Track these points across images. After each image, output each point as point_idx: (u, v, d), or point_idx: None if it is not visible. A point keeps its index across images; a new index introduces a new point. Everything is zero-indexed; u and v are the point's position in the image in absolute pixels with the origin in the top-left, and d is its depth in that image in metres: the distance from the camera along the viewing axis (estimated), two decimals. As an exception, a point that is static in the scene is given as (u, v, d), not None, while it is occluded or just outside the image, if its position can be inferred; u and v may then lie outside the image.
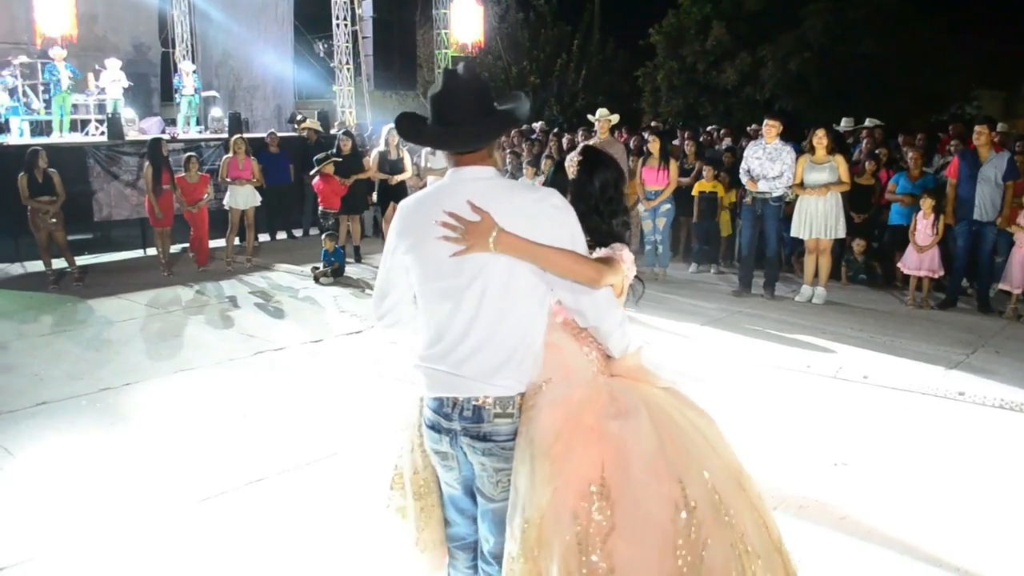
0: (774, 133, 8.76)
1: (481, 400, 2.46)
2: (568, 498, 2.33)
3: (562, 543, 2.30)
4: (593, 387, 2.54)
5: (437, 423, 2.54)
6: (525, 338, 2.49)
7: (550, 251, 2.40)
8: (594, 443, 2.40)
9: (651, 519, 2.32)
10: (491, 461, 2.50)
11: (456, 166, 2.52)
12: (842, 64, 20.58)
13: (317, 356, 7.19)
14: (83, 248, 11.64)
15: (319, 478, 4.75)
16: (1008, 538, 4.07)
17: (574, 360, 2.59)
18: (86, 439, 5.35)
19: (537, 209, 2.44)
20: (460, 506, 2.71)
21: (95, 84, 15.44)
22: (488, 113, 2.50)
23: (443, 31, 20.59)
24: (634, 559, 2.29)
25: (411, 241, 2.51)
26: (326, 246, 10.28)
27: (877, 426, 5.53)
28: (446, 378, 2.50)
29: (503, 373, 2.46)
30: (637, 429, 2.42)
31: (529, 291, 2.47)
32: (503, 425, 2.47)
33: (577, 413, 2.44)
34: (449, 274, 2.45)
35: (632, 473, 2.36)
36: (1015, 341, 7.48)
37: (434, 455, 2.63)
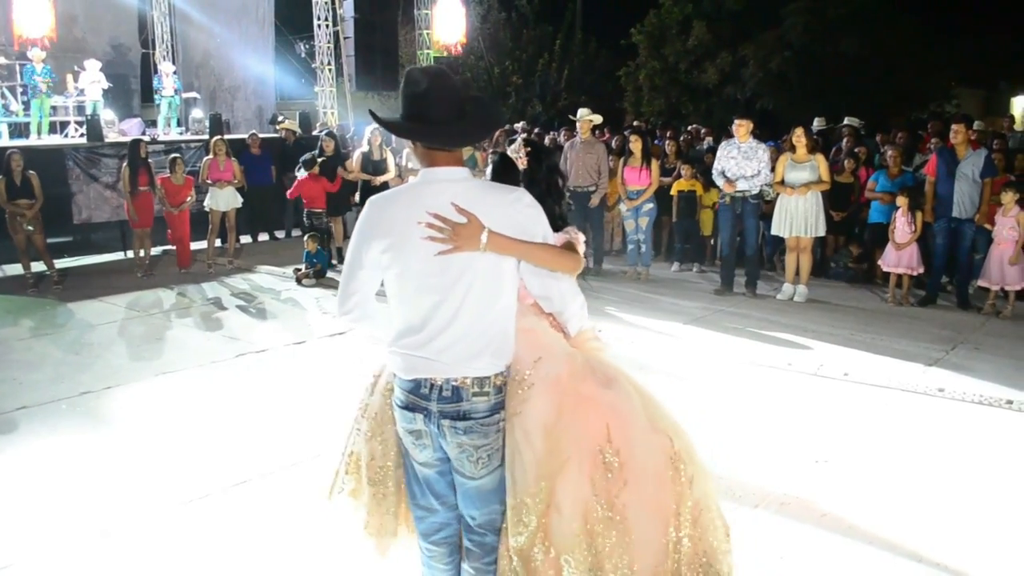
0: (744, 132, 8.82)
1: (460, 380, 2.57)
2: (584, 465, 2.57)
3: (581, 504, 2.55)
4: (574, 360, 2.74)
5: (413, 403, 2.62)
6: (504, 325, 2.64)
7: (535, 247, 2.58)
8: (595, 411, 2.63)
9: (653, 471, 2.61)
10: (471, 439, 2.59)
11: (430, 166, 2.62)
12: (823, 63, 20.72)
13: (300, 358, 7.17)
14: (62, 251, 11.53)
15: (302, 480, 4.72)
16: (988, 533, 4.11)
17: (549, 339, 2.77)
18: (67, 443, 5.31)
19: (513, 209, 2.58)
20: (436, 490, 2.76)
21: (74, 85, 15.32)
22: (464, 115, 2.60)
23: (425, 31, 20.57)
24: (643, 506, 2.58)
25: (391, 240, 2.56)
26: (308, 247, 10.26)
27: (858, 423, 5.57)
28: (425, 363, 2.59)
29: (482, 357, 2.58)
30: (627, 394, 2.69)
31: (509, 282, 2.63)
32: (480, 403, 2.58)
33: (571, 386, 2.66)
34: (435, 271, 2.53)
35: (633, 432, 2.62)
36: (994, 337, 7.55)
37: (407, 435, 2.69)
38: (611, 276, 10.27)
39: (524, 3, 26.74)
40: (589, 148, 10.16)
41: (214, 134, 12.99)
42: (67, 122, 15.15)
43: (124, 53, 18.79)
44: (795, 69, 21.11)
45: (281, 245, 13.27)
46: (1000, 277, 8.20)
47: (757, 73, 21.69)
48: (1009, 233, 8.10)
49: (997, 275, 8.21)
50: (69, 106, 15.26)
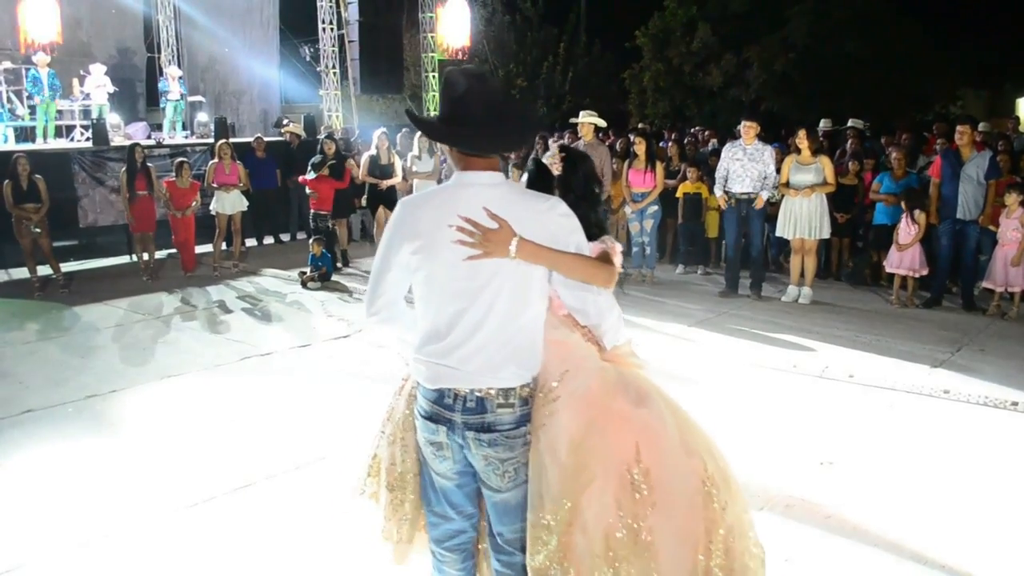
0: (752, 134, 8.80)
1: (484, 391, 2.51)
2: (610, 484, 2.48)
3: (605, 526, 2.45)
4: (606, 374, 2.66)
5: (436, 413, 2.57)
6: (531, 336, 2.58)
7: (567, 257, 2.53)
8: (626, 429, 2.55)
9: (684, 494, 2.52)
10: (496, 452, 2.54)
11: (464, 169, 2.55)
12: (827, 65, 20.71)
13: (304, 361, 7.18)
14: (68, 255, 11.57)
15: (307, 482, 4.74)
16: (993, 534, 4.11)
17: (581, 351, 2.70)
18: (72, 446, 5.32)
19: (547, 217, 2.53)
20: (452, 500, 2.72)
21: (80, 90, 15.38)
22: (503, 119, 2.54)
23: (430, 34, 20.59)
24: (672, 532, 2.48)
25: (421, 243, 2.53)
26: (313, 250, 10.27)
27: (863, 425, 5.56)
28: (449, 372, 2.53)
29: (507, 367, 2.52)
30: (660, 412, 2.61)
31: (538, 292, 2.58)
32: (505, 415, 2.52)
33: (602, 401, 2.58)
34: (463, 276, 2.49)
35: (665, 453, 2.54)
36: (999, 339, 7.53)
37: (428, 446, 2.64)
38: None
39: (528, 6, 26.76)
40: (591, 150, 10.11)
41: (219, 138, 13.03)
42: (73, 126, 15.20)
43: (129, 57, 18.85)
44: (799, 71, 21.10)
45: (286, 248, 13.28)
46: (1004, 278, 8.18)
47: (761, 75, 21.70)
48: (1013, 235, 8.07)
49: (1001, 277, 8.19)
50: (75, 110, 15.32)
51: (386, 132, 11.73)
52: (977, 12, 25.92)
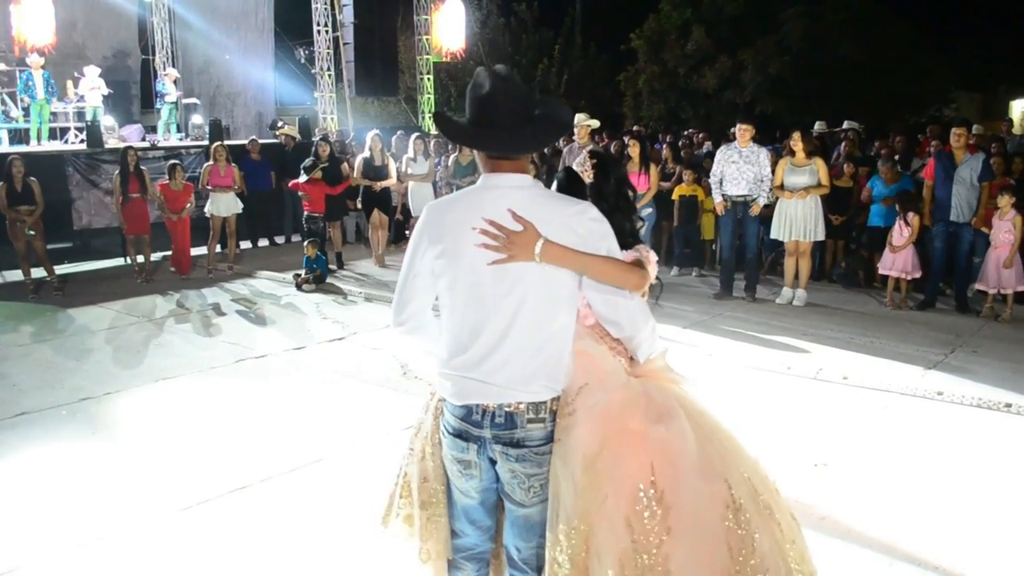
0: (747, 137, 8.81)
1: (514, 407, 2.44)
2: (621, 505, 2.35)
3: (618, 550, 2.32)
4: (629, 390, 2.55)
5: (464, 431, 2.50)
6: (560, 346, 2.48)
7: (596, 259, 2.42)
8: (641, 448, 2.42)
9: (703, 520, 2.36)
10: (524, 467, 2.47)
11: (492, 171, 2.48)
12: (821, 68, 20.78)
13: (299, 363, 7.17)
14: (63, 257, 11.53)
15: (302, 485, 4.74)
16: (987, 536, 4.12)
17: (606, 364, 2.59)
18: (67, 449, 5.31)
19: (576, 221, 2.43)
20: (473, 517, 2.66)
21: (74, 92, 15.35)
22: (531, 119, 2.45)
23: (425, 37, 20.61)
24: (689, 560, 2.33)
25: (444, 246, 2.46)
26: (308, 253, 10.26)
27: (857, 426, 5.58)
28: (476, 386, 2.46)
29: (537, 380, 2.44)
30: (681, 431, 2.46)
31: (567, 301, 2.49)
32: (536, 430, 2.45)
33: (619, 418, 2.46)
34: (487, 282, 2.42)
35: (681, 475, 2.39)
36: (992, 341, 7.56)
37: (455, 464, 2.57)
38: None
39: (523, 8, 26.80)
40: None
41: (214, 140, 13.02)
42: (67, 128, 15.17)
43: (124, 59, 18.84)
44: (794, 74, 21.17)
45: (281, 250, 13.28)
46: (997, 280, 8.20)
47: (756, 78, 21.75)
48: (1005, 236, 8.10)
49: (994, 279, 8.22)
50: (69, 112, 15.28)
51: (379, 134, 11.72)
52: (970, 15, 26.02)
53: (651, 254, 2.81)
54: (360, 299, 9.63)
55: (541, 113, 2.48)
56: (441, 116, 2.62)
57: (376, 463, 5.00)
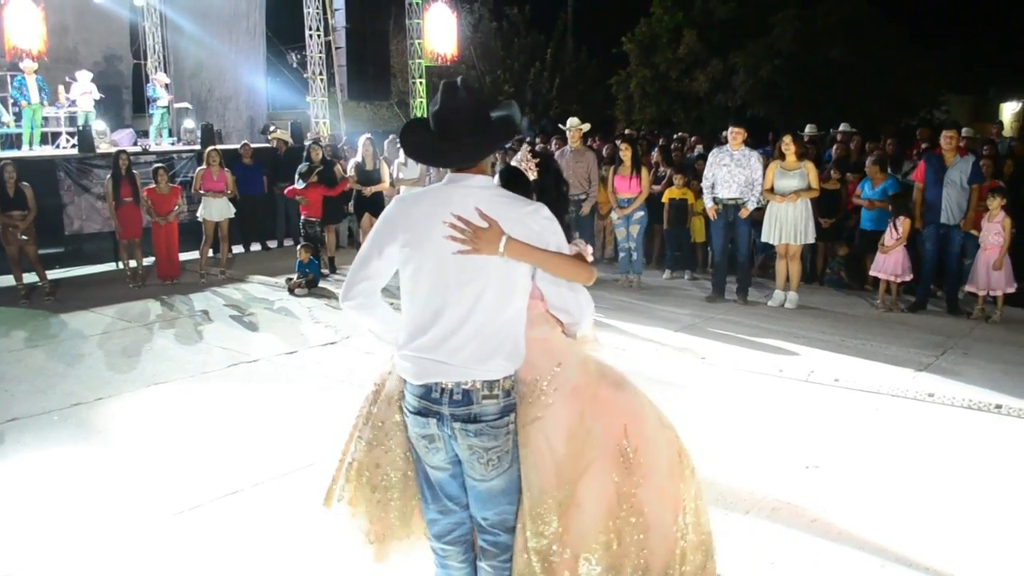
0: (739, 140, 8.84)
1: (470, 384, 2.64)
2: (607, 464, 2.74)
3: (605, 503, 2.71)
4: (587, 366, 2.88)
5: (424, 408, 2.68)
6: (515, 329, 2.72)
7: (551, 256, 2.69)
8: (612, 411, 2.81)
9: (664, 465, 2.82)
10: (481, 441, 2.66)
11: (457, 171, 2.73)
12: (812, 71, 20.82)
13: (292, 367, 7.17)
14: (54, 262, 11.52)
15: (294, 489, 4.73)
16: (977, 537, 4.14)
17: (565, 347, 2.89)
18: (58, 454, 5.31)
19: (532, 219, 2.70)
20: (448, 491, 2.82)
21: (66, 96, 15.32)
22: (484, 126, 2.70)
23: (416, 41, 20.60)
24: (657, 503, 2.77)
25: (411, 236, 2.68)
26: (300, 257, 10.26)
27: (848, 428, 5.60)
28: (435, 366, 2.65)
29: (492, 360, 2.65)
30: (636, 393, 2.90)
31: (522, 290, 2.73)
32: (490, 405, 2.65)
33: (589, 391, 2.81)
34: (451, 270, 2.64)
35: (647, 430, 2.83)
36: (983, 343, 7.59)
37: (420, 440, 2.75)
38: (603, 284, 10.27)
39: (515, 12, 26.83)
40: (579, 156, 10.21)
41: (206, 144, 13.01)
42: (59, 133, 15.14)
43: (115, 64, 18.82)
44: (785, 77, 21.20)
45: (273, 255, 13.27)
46: (987, 282, 8.24)
47: (747, 81, 21.78)
48: (995, 238, 8.14)
49: (984, 280, 8.25)
50: (61, 117, 15.25)
51: (371, 138, 11.72)
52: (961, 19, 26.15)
53: (588, 247, 3.05)
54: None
55: (497, 118, 2.74)
56: (405, 134, 2.86)
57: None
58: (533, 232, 2.66)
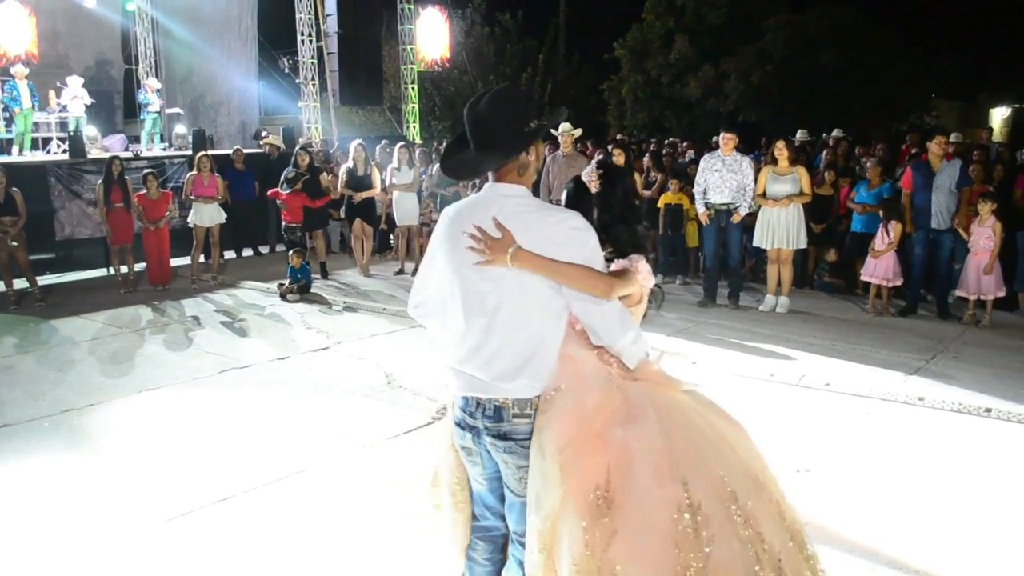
0: (731, 145, 8.87)
1: (502, 401, 2.63)
2: (576, 501, 2.48)
3: (572, 543, 2.45)
4: (607, 393, 2.65)
5: (463, 420, 2.72)
6: (541, 347, 2.63)
7: (563, 266, 2.56)
8: (601, 450, 2.54)
9: (652, 521, 2.44)
10: (512, 459, 2.65)
11: (494, 181, 2.70)
12: (803, 76, 20.93)
13: (284, 373, 7.15)
14: (45, 268, 11.49)
15: (286, 495, 4.73)
16: (967, 539, 4.16)
17: (587, 368, 2.69)
18: (49, 461, 5.28)
19: (556, 230, 2.60)
20: (486, 503, 2.86)
21: (56, 102, 15.28)
22: (508, 134, 2.62)
23: (409, 46, 20.64)
24: (635, 559, 2.41)
25: (448, 246, 2.72)
26: (292, 262, 10.24)
27: (839, 432, 5.62)
28: (469, 379, 2.68)
29: (521, 377, 2.61)
30: (642, 432, 2.55)
31: (543, 304, 2.63)
32: (521, 424, 2.63)
33: (588, 420, 2.58)
34: (472, 282, 2.64)
35: (635, 478, 2.48)
36: (973, 347, 7.62)
37: (461, 451, 2.80)
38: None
39: (507, 18, 26.88)
40: (571, 162, 10.20)
41: (197, 150, 12.98)
42: (49, 138, 15.10)
43: (107, 69, 18.76)
44: (776, 82, 21.30)
45: (265, 260, 13.26)
46: (977, 287, 8.27)
47: (739, 86, 21.88)
48: (985, 243, 8.17)
49: (974, 285, 8.29)
50: (51, 122, 15.20)
51: (363, 144, 11.71)
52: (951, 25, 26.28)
53: (641, 263, 2.87)
54: (345, 309, 9.63)
55: (500, 130, 2.63)
56: (444, 158, 2.90)
57: (361, 473, 5.01)
58: (555, 243, 2.56)
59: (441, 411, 5.98)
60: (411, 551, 3.73)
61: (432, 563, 3.89)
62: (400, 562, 3.91)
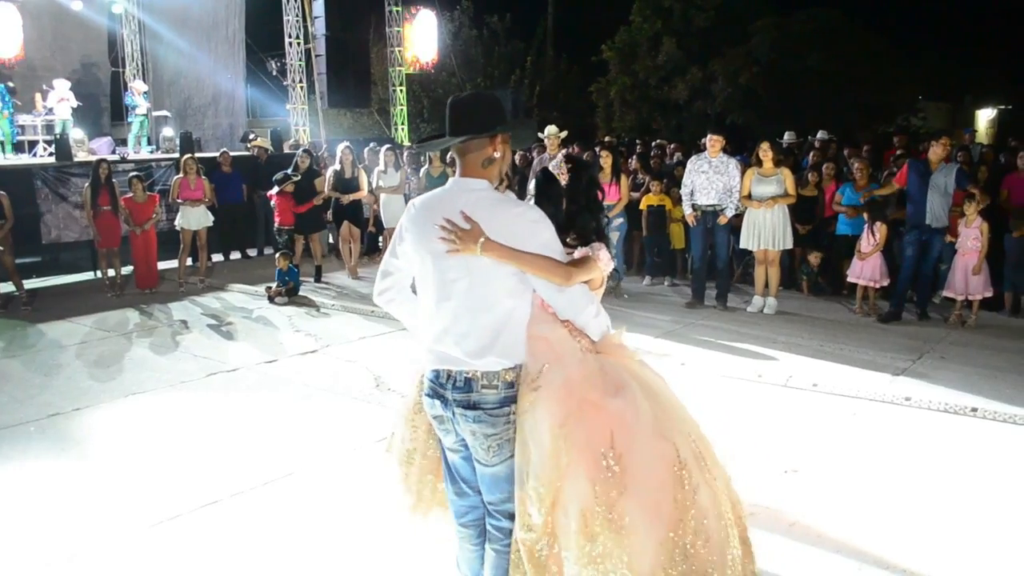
0: (718, 147, 8.90)
1: (471, 373, 2.82)
2: (585, 466, 2.76)
3: (582, 505, 2.72)
4: (586, 366, 2.92)
5: (434, 391, 2.91)
6: (507, 326, 2.84)
7: (527, 256, 2.79)
8: (601, 416, 2.82)
9: (653, 477, 2.79)
10: (480, 427, 2.83)
11: (460, 176, 2.92)
12: (790, 78, 21.01)
13: (272, 377, 7.13)
14: (31, 271, 11.41)
15: (274, 499, 4.72)
16: (954, 538, 4.18)
17: (562, 346, 2.94)
18: (35, 466, 5.25)
19: (516, 222, 2.83)
20: (462, 474, 3.04)
21: (43, 104, 15.20)
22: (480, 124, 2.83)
23: (397, 49, 20.62)
24: (642, 511, 2.74)
25: (414, 236, 2.91)
26: (280, 265, 10.21)
27: (826, 433, 5.64)
28: (441, 355, 2.88)
29: (490, 355, 2.82)
30: (632, 398, 2.88)
31: (509, 290, 2.84)
32: (489, 394, 2.82)
33: (579, 391, 2.85)
34: (442, 270, 2.84)
35: (636, 439, 2.81)
36: (959, 347, 7.66)
37: (434, 420, 3.00)
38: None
39: (495, 20, 26.89)
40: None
41: (184, 152, 12.94)
42: (35, 141, 15.01)
43: (93, 71, 18.68)
44: (763, 84, 21.39)
45: (253, 263, 13.22)
46: (965, 287, 8.31)
47: (726, 88, 21.96)
48: (973, 243, 8.22)
49: (962, 285, 8.32)
50: (38, 125, 15.12)
51: (350, 146, 11.69)
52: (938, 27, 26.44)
53: (602, 252, 3.07)
54: (333, 311, 9.61)
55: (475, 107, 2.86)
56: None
57: (349, 476, 5.00)
58: (512, 232, 2.78)
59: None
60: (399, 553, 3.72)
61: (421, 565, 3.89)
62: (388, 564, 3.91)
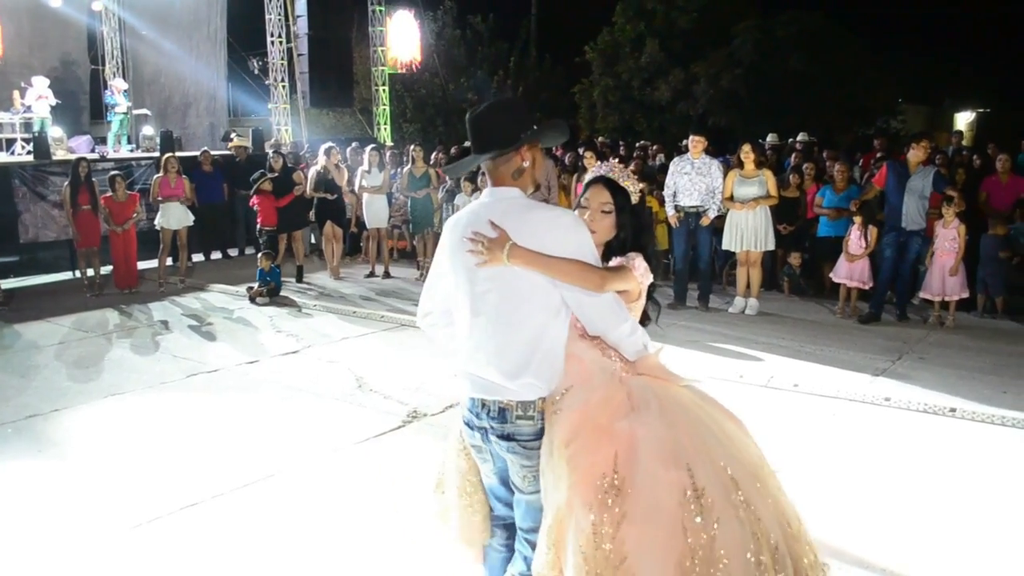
0: (700, 148, 8.93)
1: (505, 402, 2.68)
2: (583, 492, 2.52)
3: (578, 534, 2.50)
4: (611, 389, 2.72)
5: (471, 420, 2.78)
6: (542, 346, 2.68)
7: (556, 261, 2.62)
8: (607, 441, 2.59)
9: (659, 505, 2.50)
10: (516, 458, 2.71)
11: (492, 186, 2.81)
12: (772, 80, 21.12)
13: (252, 377, 7.09)
14: (9, 271, 11.32)
15: (255, 500, 4.69)
16: (933, 537, 4.21)
17: (594, 367, 2.76)
18: (13, 468, 5.20)
19: (547, 226, 2.67)
20: (498, 495, 2.91)
21: (21, 102, 15.07)
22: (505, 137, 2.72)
23: (379, 48, 20.59)
24: (644, 543, 2.46)
25: (450, 252, 2.79)
26: (262, 265, 10.16)
27: (807, 433, 5.67)
28: (475, 380, 2.74)
29: (523, 378, 2.65)
30: (646, 421, 2.62)
31: (541, 302, 2.68)
32: (525, 426, 2.68)
33: (593, 415, 2.64)
34: (474, 281, 2.71)
35: (641, 464, 2.54)
36: (938, 348, 7.72)
37: (472, 449, 2.87)
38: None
39: (478, 21, 26.87)
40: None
41: (165, 151, 12.86)
42: (13, 139, 14.87)
43: (73, 69, 18.53)
44: (745, 86, 21.48)
45: (234, 263, 13.15)
46: (942, 288, 8.37)
47: (708, 90, 22.03)
48: (950, 244, 8.28)
49: (939, 287, 8.37)
50: (16, 123, 14.99)
51: (333, 146, 11.66)
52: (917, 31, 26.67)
53: (638, 260, 2.91)
54: (315, 312, 9.57)
55: (493, 123, 2.75)
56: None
57: (330, 477, 4.98)
58: (547, 239, 2.63)
59: (412, 414, 5.98)
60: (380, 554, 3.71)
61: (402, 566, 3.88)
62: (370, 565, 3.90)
